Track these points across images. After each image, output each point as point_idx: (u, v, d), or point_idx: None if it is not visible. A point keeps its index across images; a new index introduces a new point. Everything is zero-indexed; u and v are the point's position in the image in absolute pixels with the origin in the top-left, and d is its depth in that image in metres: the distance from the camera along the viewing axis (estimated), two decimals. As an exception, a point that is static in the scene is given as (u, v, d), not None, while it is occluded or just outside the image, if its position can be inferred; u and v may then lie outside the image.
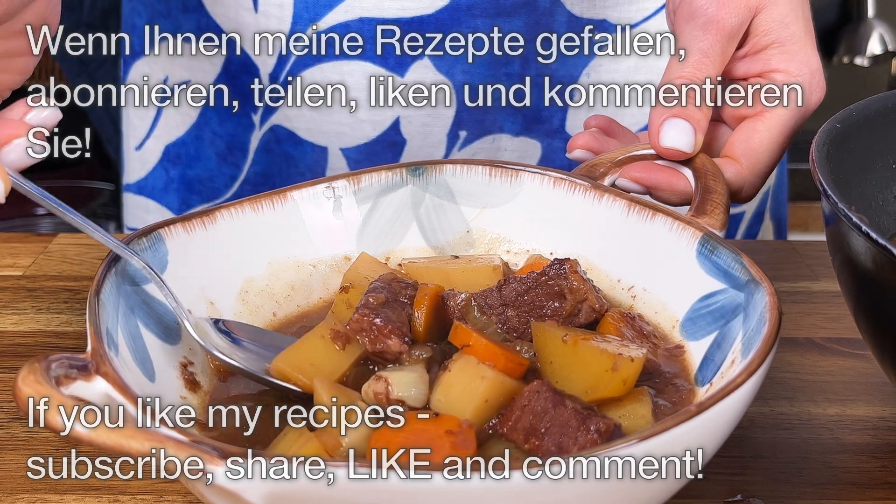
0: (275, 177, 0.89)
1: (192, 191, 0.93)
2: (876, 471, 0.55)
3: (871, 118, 0.60)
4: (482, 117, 0.86)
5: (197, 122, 0.91)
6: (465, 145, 0.87)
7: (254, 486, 0.38)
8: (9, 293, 0.73)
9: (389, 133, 0.86)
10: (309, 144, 0.87)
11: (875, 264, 0.47)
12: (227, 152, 0.90)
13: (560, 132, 0.88)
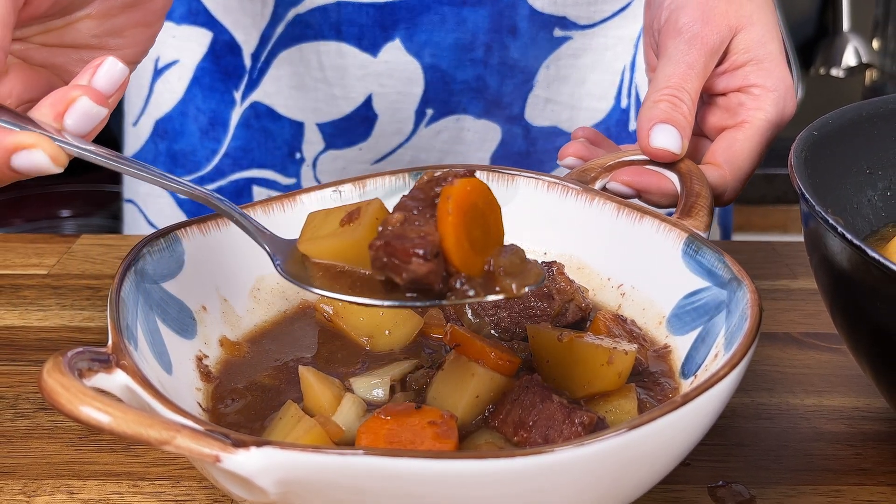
0: (254, 150, 0.91)
1: (176, 164, 0.93)
2: (851, 458, 0.55)
3: (846, 126, 0.60)
4: (447, 98, 0.87)
5: (183, 99, 0.91)
6: (431, 122, 0.88)
7: (265, 472, 0.38)
8: (35, 291, 0.73)
9: (362, 109, 0.87)
10: (286, 120, 0.89)
11: (850, 263, 0.47)
12: (210, 127, 0.91)
13: (519, 119, 0.89)
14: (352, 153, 0.89)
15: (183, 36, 0.89)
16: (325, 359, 0.56)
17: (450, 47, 0.84)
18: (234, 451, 0.38)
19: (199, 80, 0.90)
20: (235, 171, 0.92)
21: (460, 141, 0.89)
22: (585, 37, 0.87)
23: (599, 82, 0.90)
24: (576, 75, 0.89)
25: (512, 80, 0.87)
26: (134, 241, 0.81)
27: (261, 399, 0.52)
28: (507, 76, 0.86)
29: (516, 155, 0.91)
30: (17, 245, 0.80)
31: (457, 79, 0.86)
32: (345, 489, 0.38)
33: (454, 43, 0.84)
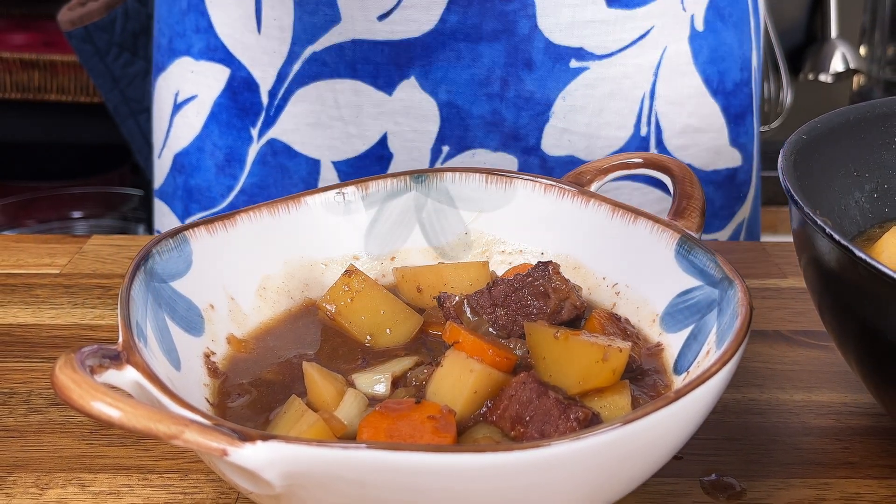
0: (270, 187, 0.89)
1: (192, 199, 0.92)
2: (838, 452, 0.55)
3: (834, 130, 0.60)
4: (463, 133, 0.85)
5: (200, 134, 0.90)
6: (447, 159, 0.86)
7: (271, 466, 0.38)
8: (47, 290, 0.73)
9: (377, 148, 0.85)
10: (303, 157, 0.87)
11: (838, 263, 0.47)
12: (226, 164, 0.90)
13: (536, 149, 0.87)
14: None
15: (201, 71, 0.88)
16: (328, 355, 0.56)
17: (465, 83, 0.83)
18: (240, 445, 0.38)
19: (216, 116, 0.89)
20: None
21: None
22: (602, 66, 0.85)
23: (618, 111, 0.87)
24: (593, 105, 0.86)
25: (528, 111, 0.85)
26: (143, 242, 0.81)
27: (266, 394, 0.52)
28: (524, 108, 0.85)
29: None
30: (30, 245, 0.80)
31: (473, 114, 0.84)
32: (347, 481, 0.38)
33: (470, 79, 0.83)
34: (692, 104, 0.89)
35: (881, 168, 0.63)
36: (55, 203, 1.83)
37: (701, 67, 0.88)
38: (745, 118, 0.94)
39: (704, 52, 0.88)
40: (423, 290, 0.61)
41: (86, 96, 1.83)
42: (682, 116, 0.89)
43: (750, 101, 0.95)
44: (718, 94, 0.90)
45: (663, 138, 0.89)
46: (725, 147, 0.93)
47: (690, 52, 0.87)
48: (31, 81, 1.82)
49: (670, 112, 0.88)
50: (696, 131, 0.90)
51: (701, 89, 0.89)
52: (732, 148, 0.93)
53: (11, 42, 1.89)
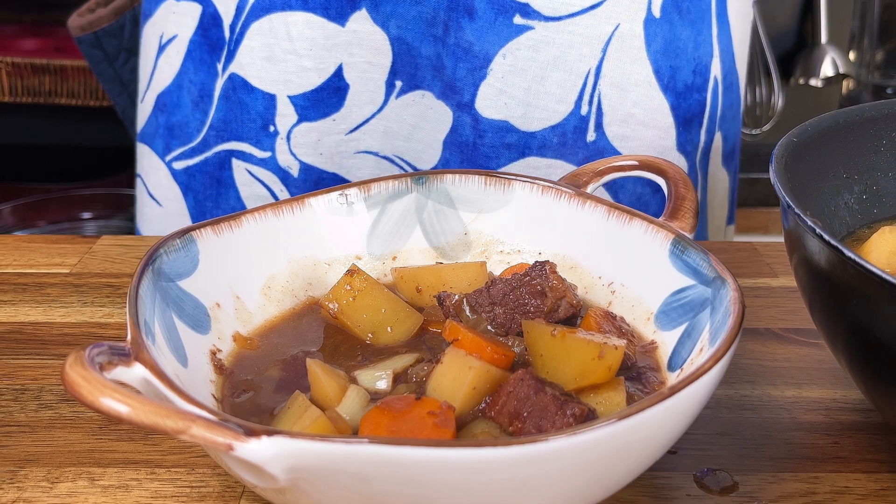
0: (232, 122, 0.87)
1: (172, 136, 0.91)
2: (828, 446, 0.55)
3: (824, 133, 0.60)
4: (414, 72, 0.82)
5: (179, 72, 0.89)
6: (401, 94, 0.83)
7: (275, 460, 0.38)
8: (58, 289, 0.73)
9: (333, 79, 0.83)
10: (259, 92, 0.85)
11: (828, 263, 0.47)
12: (199, 99, 0.88)
13: (469, 107, 0.83)
14: (325, 125, 0.85)
15: (180, 11, 0.88)
16: (331, 352, 0.56)
17: (413, 20, 0.80)
18: (245, 440, 0.38)
19: (191, 54, 0.88)
20: (218, 142, 0.88)
21: (425, 118, 0.84)
22: (549, 29, 0.80)
23: (560, 82, 0.82)
24: (534, 70, 0.81)
25: (466, 63, 0.81)
26: (151, 242, 0.81)
27: (270, 390, 0.52)
28: (462, 59, 0.80)
29: (463, 145, 0.84)
30: (40, 245, 0.80)
31: (421, 53, 0.81)
32: (350, 475, 0.38)
33: (417, 16, 0.80)
34: (638, 93, 0.84)
35: (870, 170, 0.63)
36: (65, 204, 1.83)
37: (653, 56, 0.83)
38: (691, 126, 0.89)
39: (658, 41, 0.83)
40: (423, 290, 0.61)
41: (95, 100, 1.83)
42: (626, 104, 0.84)
43: (701, 111, 0.89)
44: (668, 91, 0.85)
45: (603, 122, 0.84)
46: (671, 150, 0.87)
47: (643, 36, 0.82)
48: (42, 86, 1.82)
49: (614, 96, 0.83)
50: (639, 124, 0.85)
51: (650, 79, 0.84)
52: (679, 153, 0.88)
53: (23, 47, 1.89)
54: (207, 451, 0.44)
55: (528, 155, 0.84)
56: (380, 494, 0.39)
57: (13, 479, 0.51)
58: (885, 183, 0.64)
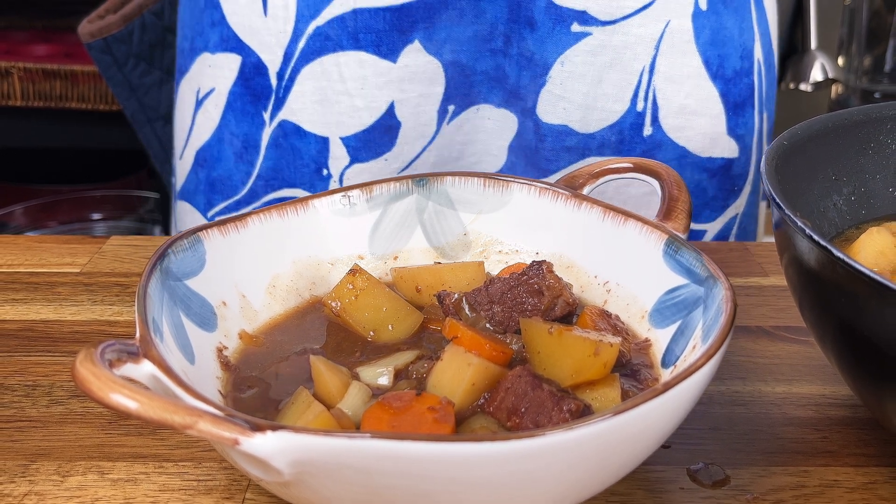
0: (283, 170, 0.86)
1: (214, 191, 0.90)
2: (818, 441, 0.55)
3: (813, 136, 0.60)
4: (468, 90, 0.82)
5: (219, 125, 0.88)
6: (453, 118, 0.83)
7: (280, 454, 0.38)
8: (68, 287, 0.73)
9: (385, 118, 0.82)
10: (312, 136, 0.84)
11: (817, 262, 0.47)
12: (244, 150, 0.87)
13: (531, 113, 0.83)
14: (377, 165, 0.84)
15: (217, 64, 0.87)
16: (334, 349, 0.56)
17: (469, 40, 0.79)
18: (251, 434, 0.38)
19: (231, 105, 0.87)
20: (268, 191, 0.88)
21: (481, 129, 0.84)
22: (605, 33, 0.81)
23: (616, 83, 0.83)
24: (592, 73, 0.82)
25: (529, 72, 0.81)
26: (159, 243, 0.81)
27: (275, 386, 0.52)
28: (525, 68, 0.81)
29: (527, 149, 0.84)
30: (52, 246, 0.80)
31: (476, 70, 0.80)
32: (353, 469, 0.38)
33: (473, 35, 0.79)
34: (690, 84, 0.85)
35: (858, 172, 0.63)
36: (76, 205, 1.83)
37: (702, 48, 0.85)
38: (744, 109, 0.90)
39: (706, 32, 0.84)
40: (422, 290, 0.61)
41: (105, 104, 1.83)
42: (679, 96, 0.85)
43: (751, 93, 0.90)
44: (717, 79, 0.86)
45: (659, 116, 0.85)
46: (722, 135, 0.89)
47: (692, 30, 0.84)
48: (53, 90, 1.82)
49: (668, 90, 0.85)
50: (692, 113, 0.86)
51: (700, 70, 0.85)
52: (730, 138, 0.89)
53: (34, 53, 1.89)
54: (214, 445, 0.44)
55: (588, 155, 0.85)
56: (382, 488, 0.39)
57: (25, 473, 0.51)
58: (872, 185, 0.64)
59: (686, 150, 0.87)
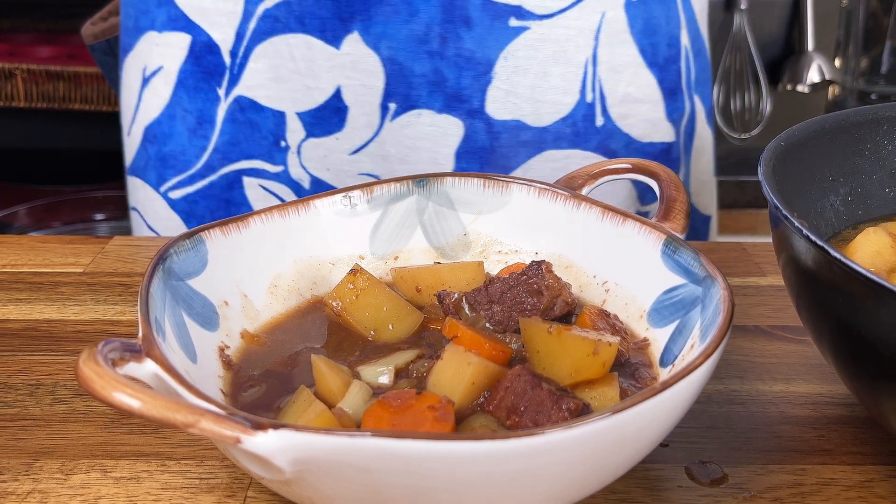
0: (241, 143, 0.87)
1: (166, 165, 0.91)
2: (815, 439, 0.55)
3: (810, 137, 0.60)
4: (408, 92, 0.82)
5: (170, 103, 0.89)
6: (395, 116, 0.83)
7: (282, 453, 0.38)
8: (71, 287, 0.73)
9: (333, 100, 0.84)
10: (269, 110, 0.85)
11: (814, 262, 0.47)
12: (197, 126, 0.88)
13: (480, 112, 0.83)
14: (330, 142, 0.86)
15: (165, 43, 0.87)
16: (334, 348, 0.56)
17: (405, 39, 0.80)
18: (253, 433, 0.38)
19: (183, 83, 0.88)
20: (225, 164, 0.89)
21: (424, 136, 0.84)
22: (543, 27, 0.81)
23: (563, 75, 0.83)
24: (536, 67, 0.82)
25: (470, 71, 0.81)
26: (162, 243, 0.81)
27: (276, 385, 0.52)
28: (465, 68, 0.81)
29: (480, 150, 0.85)
30: (55, 246, 0.80)
31: (415, 72, 0.81)
32: (354, 467, 0.38)
33: (409, 34, 0.80)
34: (630, 73, 0.87)
35: (855, 173, 0.63)
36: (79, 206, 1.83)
37: (636, 37, 0.86)
38: (676, 95, 0.92)
39: (639, 21, 0.86)
40: (422, 290, 0.61)
41: (107, 105, 1.83)
42: (621, 85, 0.86)
43: (678, 80, 0.92)
44: (653, 67, 0.88)
45: (607, 105, 0.86)
46: (662, 121, 0.91)
47: (626, 20, 0.85)
48: (57, 91, 1.82)
49: (611, 79, 0.86)
50: (634, 101, 0.88)
51: (637, 59, 0.87)
52: (668, 123, 0.91)
53: (38, 55, 1.90)
54: (216, 444, 0.44)
55: (545, 149, 0.85)
56: (382, 486, 0.39)
57: (28, 471, 0.51)
58: (869, 185, 0.64)
59: (630, 136, 0.89)
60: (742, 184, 1.71)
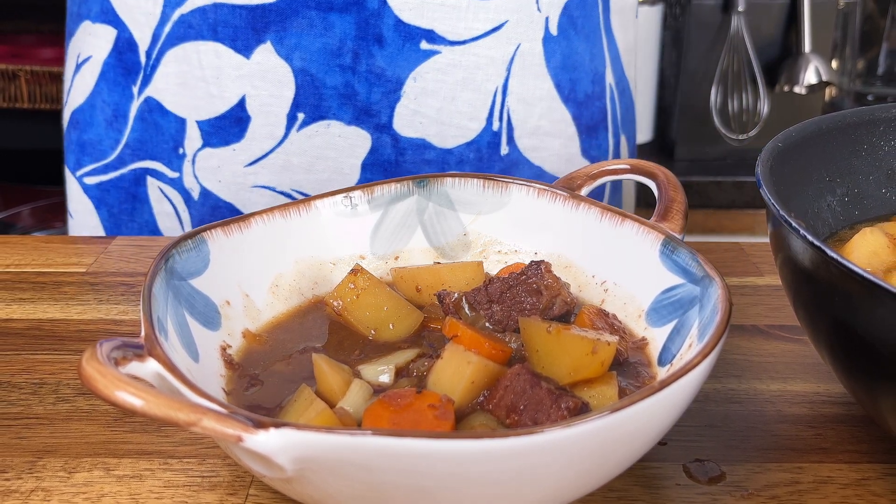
0: (147, 143, 0.88)
1: (84, 152, 0.92)
2: (812, 438, 0.55)
3: (807, 138, 0.60)
4: (318, 102, 0.82)
5: (93, 92, 0.90)
6: (303, 126, 0.83)
7: (283, 451, 0.38)
8: (74, 287, 0.73)
9: (236, 109, 0.83)
10: (172, 115, 0.86)
11: (811, 262, 0.47)
12: (113, 119, 0.89)
13: (388, 128, 0.83)
14: (226, 153, 0.85)
15: (96, 33, 0.88)
16: (335, 347, 0.56)
17: (318, 52, 0.80)
18: (254, 431, 0.38)
19: (105, 75, 0.88)
20: (134, 160, 0.89)
21: (331, 146, 0.84)
22: (455, 53, 0.82)
23: (471, 101, 0.84)
24: (444, 91, 0.83)
25: (380, 88, 0.81)
26: (164, 243, 0.81)
27: (278, 384, 0.52)
28: (375, 84, 0.81)
29: (385, 163, 0.85)
30: (58, 246, 0.80)
31: (326, 84, 0.81)
32: (354, 465, 0.38)
33: (322, 48, 0.80)
34: (543, 106, 0.86)
35: (851, 174, 0.63)
36: (82, 206, 1.82)
37: (553, 71, 0.86)
38: (597, 132, 0.91)
39: (557, 56, 0.86)
40: (422, 290, 0.61)
41: (110, 107, 1.83)
42: (532, 117, 0.86)
43: (603, 117, 0.92)
44: (569, 102, 0.88)
45: (514, 136, 0.86)
46: (577, 156, 0.90)
47: (543, 54, 0.85)
48: (60, 93, 1.82)
49: (521, 111, 0.86)
50: (546, 134, 0.87)
51: (552, 93, 0.87)
52: (583, 158, 0.91)
53: (41, 56, 1.90)
54: (218, 442, 0.44)
55: (447, 170, 0.86)
56: (382, 484, 0.39)
57: (32, 469, 0.51)
58: (865, 186, 0.64)
59: (542, 169, 0.89)
60: (740, 184, 1.71)
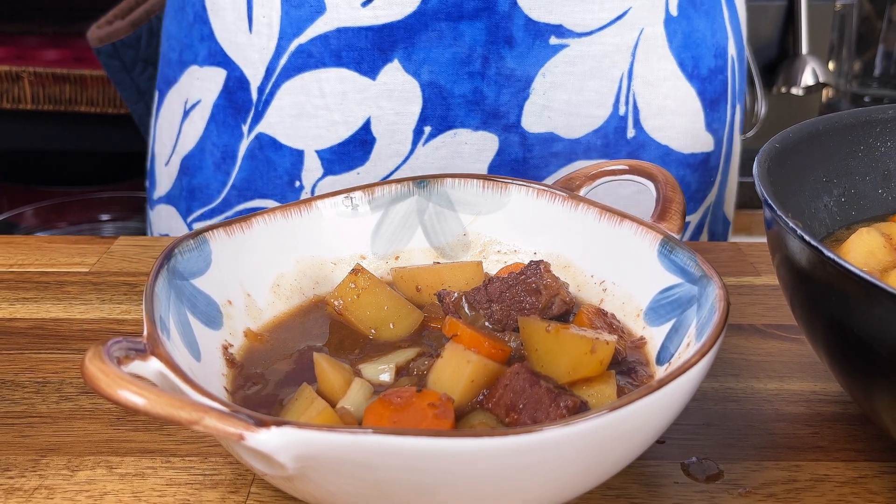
0: (256, 181, 0.87)
1: (193, 198, 0.91)
2: (809, 436, 0.55)
3: (804, 139, 0.60)
4: (445, 113, 0.82)
5: (202, 136, 0.89)
6: (429, 139, 0.83)
7: (284, 449, 0.38)
8: (77, 287, 0.73)
9: (360, 132, 0.83)
10: (287, 149, 0.84)
11: (808, 262, 0.47)
12: (222, 161, 0.88)
13: (516, 126, 0.83)
14: (349, 178, 0.85)
15: (204, 77, 0.87)
16: (336, 347, 0.56)
17: (447, 62, 0.80)
18: (256, 430, 0.38)
19: (214, 117, 0.87)
20: (241, 201, 0.88)
21: (458, 155, 0.85)
22: (582, 44, 0.82)
23: (598, 89, 0.84)
24: (572, 83, 0.83)
25: (509, 88, 0.82)
26: (166, 243, 0.81)
27: (279, 382, 0.52)
28: (504, 86, 0.81)
29: (513, 162, 0.85)
30: (61, 246, 0.80)
31: (454, 93, 0.81)
32: (355, 463, 0.38)
33: (452, 58, 0.80)
34: (667, 86, 0.87)
35: (848, 174, 0.63)
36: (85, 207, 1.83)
37: (675, 51, 0.87)
38: (718, 105, 0.92)
39: (678, 36, 0.87)
40: (422, 290, 0.61)
41: (113, 108, 1.83)
42: (658, 98, 0.87)
43: (725, 89, 0.93)
44: (693, 79, 0.89)
45: (640, 118, 0.87)
46: (702, 131, 0.91)
47: (665, 36, 0.86)
48: (63, 94, 1.82)
49: (647, 93, 0.86)
50: (672, 113, 0.88)
51: (676, 73, 0.87)
52: (707, 133, 0.92)
53: (45, 58, 1.90)
54: (220, 440, 0.44)
55: (575, 160, 0.86)
56: (383, 482, 0.39)
57: (35, 468, 0.51)
58: (862, 186, 0.64)
59: (669, 147, 0.89)
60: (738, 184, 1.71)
